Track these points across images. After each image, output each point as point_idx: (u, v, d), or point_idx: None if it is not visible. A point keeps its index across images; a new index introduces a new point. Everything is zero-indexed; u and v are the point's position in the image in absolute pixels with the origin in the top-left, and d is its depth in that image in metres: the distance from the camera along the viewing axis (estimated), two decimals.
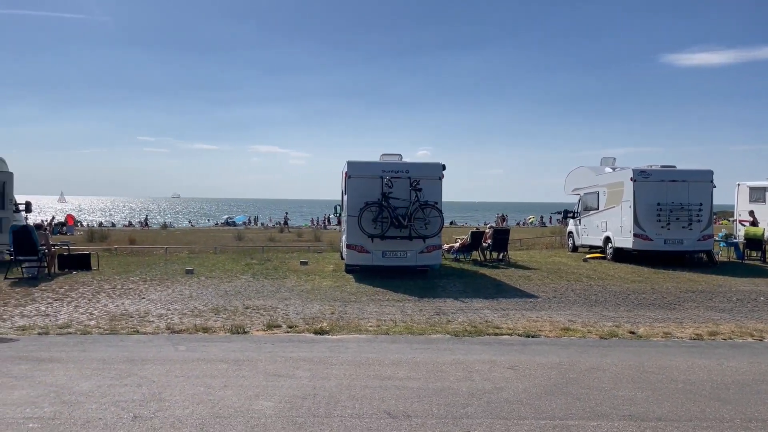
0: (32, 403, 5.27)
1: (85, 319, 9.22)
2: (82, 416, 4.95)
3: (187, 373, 6.29)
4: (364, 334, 8.36)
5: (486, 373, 6.42)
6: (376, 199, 14.11)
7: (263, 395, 5.57)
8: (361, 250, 14.34)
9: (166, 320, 9.16)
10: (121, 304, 10.50)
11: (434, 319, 9.54)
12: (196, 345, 7.61)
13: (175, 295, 11.55)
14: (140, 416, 4.97)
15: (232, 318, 9.40)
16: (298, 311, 10.06)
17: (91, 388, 5.73)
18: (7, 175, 17.69)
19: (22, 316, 9.45)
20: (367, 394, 5.62)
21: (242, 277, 14.33)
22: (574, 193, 22.57)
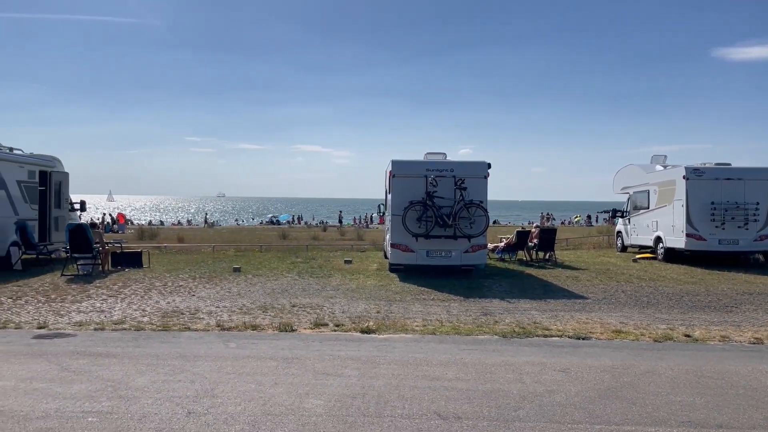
0: (91, 397, 5.42)
1: (138, 315, 9.46)
2: (138, 411, 5.07)
3: (237, 370, 6.37)
4: (410, 334, 8.33)
5: (537, 375, 6.31)
6: (421, 198, 14.06)
7: (313, 393, 5.60)
8: (405, 250, 14.31)
9: (216, 317, 9.32)
10: (172, 301, 10.74)
11: (481, 319, 9.43)
12: (245, 342, 7.72)
13: (223, 293, 11.75)
14: (194, 412, 5.06)
15: (279, 316, 9.50)
16: (344, 310, 10.10)
17: (145, 383, 5.86)
18: (63, 175, 18.33)
19: (79, 311, 9.75)
20: (416, 395, 5.58)
21: (288, 276, 14.48)
22: (623, 191, 22.06)
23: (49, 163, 17.85)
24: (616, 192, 22.76)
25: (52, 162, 18.07)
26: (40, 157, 17.59)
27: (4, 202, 15.20)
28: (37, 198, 16.97)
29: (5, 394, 5.43)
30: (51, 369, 6.32)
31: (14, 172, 15.79)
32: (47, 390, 5.59)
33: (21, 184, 16.07)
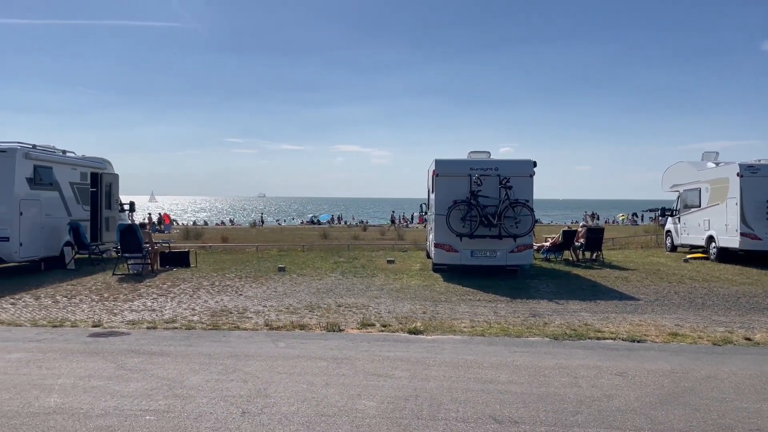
0: (147, 395, 5.51)
1: (188, 314, 9.61)
2: (194, 410, 5.12)
3: (289, 369, 6.39)
4: (458, 335, 8.23)
5: (592, 379, 6.14)
6: (465, 198, 13.91)
7: (365, 395, 5.57)
8: (449, 249, 14.19)
9: (264, 317, 9.39)
10: (220, 300, 10.88)
11: (530, 321, 9.26)
12: (294, 342, 7.75)
13: (269, 292, 11.85)
14: (248, 412, 5.08)
15: (326, 315, 9.52)
16: (390, 310, 10.06)
17: (199, 382, 5.93)
18: (113, 177, 18.81)
19: (131, 310, 9.96)
20: (469, 398, 5.49)
21: (332, 275, 14.53)
22: (673, 189, 21.45)
23: (100, 165, 18.34)
24: (665, 190, 22.14)
25: (103, 164, 18.56)
26: (91, 160, 18.09)
27: (57, 204, 15.67)
28: (89, 199, 17.45)
29: (65, 392, 5.57)
30: (108, 367, 6.46)
31: (67, 174, 16.26)
32: (105, 388, 5.71)
33: (74, 185, 16.55)
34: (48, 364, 6.56)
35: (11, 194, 13.74)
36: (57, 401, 5.29)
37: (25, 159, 14.19)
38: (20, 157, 14.01)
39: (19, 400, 5.31)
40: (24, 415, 4.93)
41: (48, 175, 15.21)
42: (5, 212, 13.63)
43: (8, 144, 14.22)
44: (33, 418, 4.86)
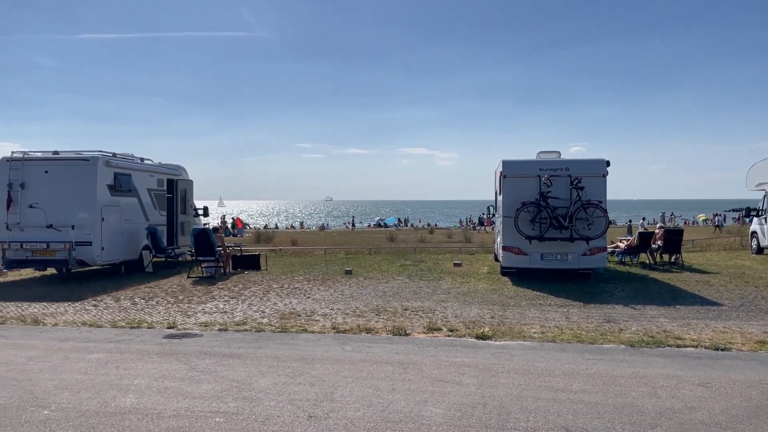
0: (217, 397, 5.61)
1: (258, 316, 9.79)
2: (262, 413, 5.17)
3: (355, 374, 6.37)
4: (528, 341, 7.99)
5: (673, 389, 5.80)
6: (534, 199, 13.56)
7: (431, 401, 5.47)
8: (517, 252, 13.87)
9: (331, 320, 9.45)
10: (289, 303, 11.03)
11: (604, 326, 8.89)
12: (360, 345, 7.73)
13: (336, 295, 11.93)
14: (315, 416, 5.09)
15: (392, 319, 9.47)
16: (457, 314, 9.91)
17: (268, 385, 5.99)
18: (188, 183, 19.48)
19: (204, 312, 10.25)
20: (540, 407, 5.30)
21: (398, 278, 14.49)
22: (759, 188, 20.21)
23: (175, 171, 19.03)
24: (750, 189, 20.89)
25: (178, 170, 19.26)
26: (167, 167, 18.80)
27: (136, 209, 16.36)
28: (165, 204, 18.13)
29: (140, 392, 5.75)
30: (181, 368, 6.64)
31: (145, 181, 16.96)
32: (178, 389, 5.86)
33: (151, 192, 17.24)
34: (125, 364, 6.81)
35: (93, 201, 14.44)
36: (132, 401, 5.47)
37: (105, 167, 14.88)
38: (101, 166, 14.70)
39: (97, 399, 5.52)
40: (101, 415, 5.11)
41: (127, 182, 15.90)
42: (88, 218, 14.34)
43: (90, 153, 14.95)
44: (110, 418, 5.04)
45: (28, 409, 5.26)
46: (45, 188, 14.32)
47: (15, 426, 4.86)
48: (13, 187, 14.25)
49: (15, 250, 14.19)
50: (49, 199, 14.26)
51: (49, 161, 14.63)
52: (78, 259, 14.16)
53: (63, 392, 5.73)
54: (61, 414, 5.12)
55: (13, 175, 14.30)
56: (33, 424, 4.90)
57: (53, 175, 14.42)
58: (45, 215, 14.15)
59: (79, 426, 4.85)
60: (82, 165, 14.57)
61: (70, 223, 14.14)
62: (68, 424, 4.89)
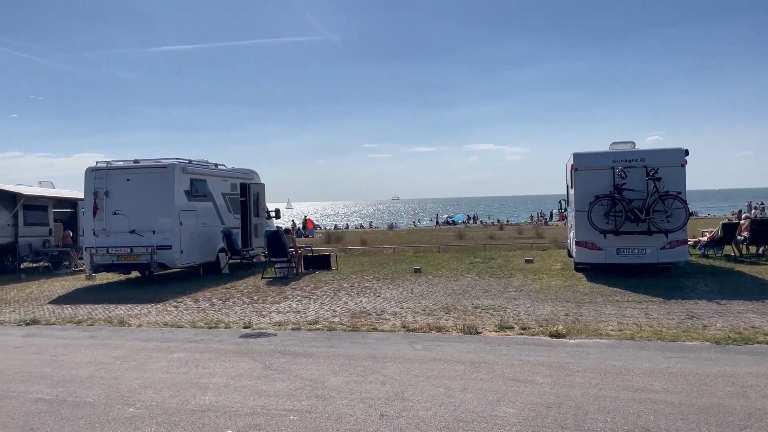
0: (291, 395, 5.72)
1: (329, 315, 9.93)
2: (334, 411, 5.23)
3: (426, 372, 6.35)
4: (605, 339, 7.73)
5: (763, 389, 5.46)
6: (608, 192, 13.11)
7: (504, 401, 5.37)
8: (592, 247, 13.44)
9: (401, 318, 9.46)
10: (359, 302, 11.13)
11: (686, 323, 8.49)
12: (431, 344, 7.70)
13: (406, 294, 11.94)
14: (386, 415, 5.10)
15: (462, 317, 9.38)
16: (529, 312, 9.70)
17: (339, 383, 6.06)
18: (260, 186, 20.02)
19: (278, 312, 10.49)
20: (618, 407, 5.11)
21: (468, 276, 14.34)
22: None
23: (248, 175, 19.59)
24: None
25: (250, 175, 19.82)
26: (240, 171, 19.38)
27: (212, 213, 16.95)
28: (239, 208, 18.70)
29: (218, 391, 5.94)
30: (256, 367, 6.81)
31: (220, 185, 17.54)
32: (253, 387, 6.02)
33: (225, 196, 17.81)
34: (204, 363, 7.06)
35: (172, 206, 15.06)
36: (211, 399, 5.66)
37: (182, 173, 15.49)
38: (179, 172, 15.31)
39: (178, 397, 5.75)
40: (182, 412, 5.32)
41: (203, 188, 16.50)
42: (167, 223, 14.97)
43: (168, 160, 15.61)
44: (190, 415, 5.23)
45: (115, 406, 5.54)
46: (127, 195, 15.06)
47: (103, 423, 5.12)
48: (98, 195, 15.06)
49: (102, 254, 14.99)
50: (131, 206, 14.98)
51: (130, 170, 15.38)
52: (159, 263, 14.81)
53: (147, 390, 6.00)
54: (145, 411, 5.37)
55: (98, 184, 15.12)
56: (119, 421, 5.16)
57: (134, 183, 15.14)
58: (128, 221, 14.87)
59: (161, 423, 5.06)
60: (160, 172, 15.23)
61: (151, 228, 14.80)
62: (152, 421, 5.11)
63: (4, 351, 8.09)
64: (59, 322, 10.22)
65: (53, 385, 6.30)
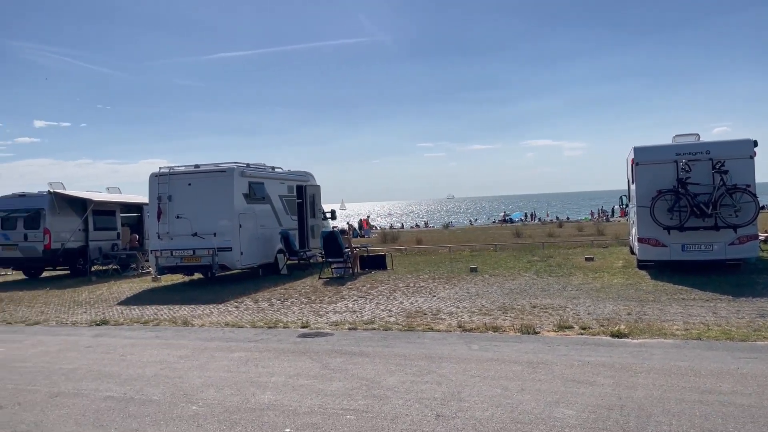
0: (347, 395, 5.78)
1: (385, 315, 9.97)
2: (390, 411, 5.25)
3: (482, 373, 6.29)
4: (670, 339, 7.46)
5: None
6: (672, 186, 12.65)
7: (563, 402, 5.26)
8: (655, 244, 13.00)
9: (457, 318, 9.40)
10: (415, 302, 11.13)
11: (758, 322, 8.10)
12: (487, 344, 7.63)
13: (462, 293, 11.86)
14: (443, 415, 5.08)
15: (520, 317, 9.25)
16: (590, 311, 9.47)
17: (395, 383, 6.08)
18: (315, 188, 20.29)
19: (335, 312, 10.61)
20: (684, 410, 4.92)
21: (525, 275, 14.12)
22: None
23: (304, 177, 19.90)
24: None
25: (306, 177, 20.12)
26: (296, 173, 19.71)
27: (270, 215, 17.29)
28: (296, 209, 19.01)
29: (277, 389, 6.06)
30: (314, 366, 6.92)
31: (277, 188, 17.88)
32: (311, 386, 6.11)
33: (282, 198, 18.15)
34: (263, 362, 7.21)
35: (231, 209, 15.45)
36: (270, 398, 5.78)
37: (241, 177, 15.87)
38: (237, 176, 15.70)
39: (239, 396, 5.90)
40: (243, 410, 5.46)
41: (261, 190, 16.85)
42: (227, 225, 15.37)
43: (227, 164, 16.01)
44: (250, 413, 5.36)
45: (179, 404, 5.73)
46: (189, 199, 15.55)
47: (168, 420, 5.31)
48: (162, 199, 15.61)
49: (166, 257, 15.52)
50: (193, 209, 15.46)
51: (191, 174, 15.87)
52: (220, 264, 15.22)
53: (209, 389, 6.18)
54: (208, 410, 5.53)
55: (161, 189, 15.67)
56: (183, 418, 5.33)
57: (195, 187, 15.62)
58: (190, 224, 15.35)
59: (223, 421, 5.20)
60: (220, 176, 15.65)
61: (212, 230, 15.24)
62: (213, 419, 5.26)
63: (76, 350, 8.50)
64: (127, 323, 10.65)
65: (121, 384, 6.57)
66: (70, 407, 5.80)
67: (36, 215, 19.02)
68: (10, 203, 19.51)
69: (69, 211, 19.66)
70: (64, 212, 19.49)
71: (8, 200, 19.63)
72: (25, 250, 19.09)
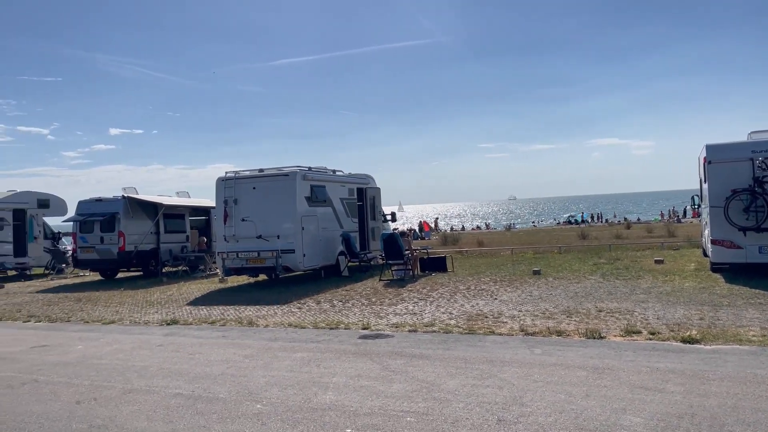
0: (408, 397, 5.79)
1: (446, 318, 9.92)
2: (451, 414, 5.22)
3: (545, 378, 6.17)
4: (746, 345, 7.10)
5: None
6: (747, 185, 12.05)
7: (630, 409, 5.10)
8: (730, 246, 12.41)
9: (519, 322, 9.26)
10: (476, 305, 11.03)
11: None
12: (551, 349, 7.47)
13: (524, 296, 11.66)
14: (504, 420, 5.02)
15: (585, 321, 9.01)
16: (659, 316, 9.13)
17: (456, 386, 6.04)
18: (376, 191, 20.43)
19: (395, 314, 10.64)
20: (760, 419, 4.68)
21: (591, 278, 13.75)
22: None
23: (364, 180, 20.07)
24: None
25: (366, 179, 20.29)
26: (356, 176, 19.90)
27: (331, 218, 17.53)
28: (356, 212, 19.19)
29: (338, 390, 6.14)
30: (374, 368, 6.96)
31: (338, 191, 18.11)
32: (372, 388, 6.15)
33: (343, 201, 18.36)
34: (325, 363, 7.32)
35: (294, 212, 15.75)
36: (331, 398, 5.86)
37: (303, 180, 16.17)
38: (299, 179, 16.00)
39: (301, 396, 6.00)
40: (305, 410, 5.55)
41: (322, 193, 17.12)
42: (290, 228, 15.68)
43: (289, 168, 16.35)
44: (311, 413, 5.45)
45: (244, 402, 5.89)
46: (253, 202, 15.97)
47: (233, 418, 5.46)
48: (228, 203, 16.10)
49: (232, 259, 15.99)
50: (257, 212, 15.86)
51: (255, 178, 16.29)
52: (284, 266, 15.55)
53: (272, 388, 6.33)
54: (271, 408, 5.66)
55: (227, 193, 16.16)
56: (248, 416, 5.48)
57: (260, 191, 16.02)
58: (255, 227, 15.75)
59: (286, 420, 5.31)
60: (282, 180, 15.99)
61: (275, 233, 15.59)
62: (277, 418, 5.38)
63: (148, 349, 8.87)
64: (195, 322, 11.03)
65: (190, 381, 6.81)
66: (141, 403, 6.06)
67: (111, 219, 19.99)
68: (88, 207, 20.59)
69: (141, 215, 20.56)
70: (137, 216, 20.40)
71: (86, 204, 20.73)
72: (101, 252, 20.09)
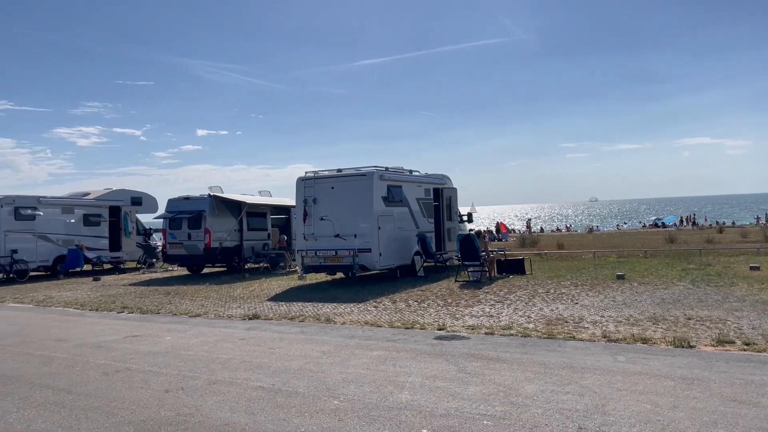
0: (484, 400, 5.71)
1: (523, 321, 9.73)
2: (529, 420, 5.11)
3: (629, 387, 5.93)
4: None
5: None
6: None
7: (722, 423, 4.82)
8: None
9: (601, 327, 8.94)
10: (555, 309, 10.74)
11: None
12: (635, 356, 7.17)
13: (607, 302, 11.26)
14: (585, 428, 4.86)
15: (672, 329, 8.60)
16: (755, 325, 8.58)
17: (534, 391, 5.91)
18: (452, 191, 20.31)
19: (471, 316, 10.53)
20: None
21: (679, 284, 13.10)
22: None
23: (441, 181, 19.99)
24: None
25: (443, 180, 20.20)
26: (433, 177, 19.85)
27: (407, 218, 17.58)
28: (432, 212, 19.15)
29: (414, 390, 6.14)
30: (450, 369, 6.92)
31: (414, 191, 18.14)
32: (447, 389, 6.11)
33: (419, 201, 18.37)
34: (400, 362, 7.34)
35: (371, 212, 15.91)
36: (407, 398, 5.87)
37: (380, 180, 16.29)
38: (376, 180, 16.14)
39: (377, 394, 6.05)
40: (380, 408, 5.59)
41: (398, 193, 17.19)
42: (367, 227, 15.84)
43: (367, 168, 16.53)
44: (387, 412, 5.48)
45: (322, 398, 6.00)
46: (332, 202, 16.26)
47: (311, 413, 5.58)
48: (307, 202, 16.47)
49: (311, 257, 16.34)
50: (335, 212, 16.14)
51: (334, 178, 16.58)
52: (360, 265, 15.72)
53: (349, 385, 6.41)
54: (348, 405, 5.73)
55: (307, 192, 16.54)
56: (326, 412, 5.57)
57: (338, 190, 16.30)
58: (333, 226, 16.03)
59: (363, 417, 5.37)
60: (360, 180, 16.19)
61: (352, 232, 15.79)
62: (354, 414, 5.44)
63: (231, 342, 9.20)
64: (276, 318, 11.34)
65: (270, 375, 7.01)
66: (225, 394, 6.29)
67: (198, 216, 20.90)
68: (177, 205, 21.64)
69: (226, 213, 21.39)
70: (222, 214, 21.23)
71: (175, 202, 21.78)
72: (188, 248, 21.04)
